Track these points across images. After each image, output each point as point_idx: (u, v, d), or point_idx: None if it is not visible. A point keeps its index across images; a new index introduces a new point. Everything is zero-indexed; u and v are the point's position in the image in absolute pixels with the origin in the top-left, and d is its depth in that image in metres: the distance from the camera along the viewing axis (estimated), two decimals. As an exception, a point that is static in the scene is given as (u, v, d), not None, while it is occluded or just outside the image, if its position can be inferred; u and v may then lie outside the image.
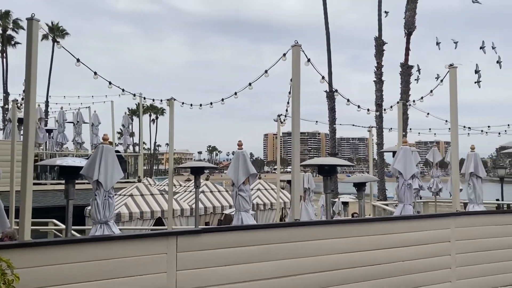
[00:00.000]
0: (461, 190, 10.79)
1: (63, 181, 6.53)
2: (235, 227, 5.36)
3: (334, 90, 24.84)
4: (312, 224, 5.73)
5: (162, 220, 13.98)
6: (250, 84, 6.80)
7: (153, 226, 13.78)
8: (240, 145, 6.63)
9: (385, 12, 26.64)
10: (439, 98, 8.93)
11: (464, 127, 12.41)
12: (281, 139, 15.39)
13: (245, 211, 6.48)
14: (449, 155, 8.90)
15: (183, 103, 9.04)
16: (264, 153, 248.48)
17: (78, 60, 6.35)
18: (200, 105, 8.75)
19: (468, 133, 13.11)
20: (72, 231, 7.83)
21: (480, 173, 8.43)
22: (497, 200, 21.61)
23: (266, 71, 6.52)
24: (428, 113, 9.94)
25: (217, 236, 5.02)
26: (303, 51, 5.99)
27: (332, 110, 26.44)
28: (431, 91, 8.08)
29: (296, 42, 5.91)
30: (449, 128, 7.93)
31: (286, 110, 11.11)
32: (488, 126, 12.87)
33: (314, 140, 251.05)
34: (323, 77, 6.56)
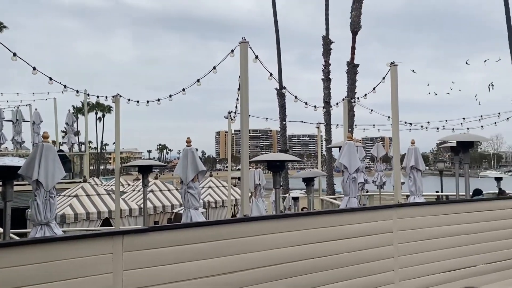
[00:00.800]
0: (403, 183, 11.34)
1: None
2: (183, 225, 5.32)
3: (283, 87, 25.24)
4: (261, 219, 5.79)
5: (110, 221, 13.59)
6: (198, 80, 6.75)
7: (100, 227, 13.37)
8: (188, 142, 6.57)
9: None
10: (384, 96, 9.32)
11: (406, 123, 13.01)
12: (233, 136, 15.41)
13: (194, 208, 6.43)
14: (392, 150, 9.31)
15: (129, 99, 8.82)
16: (216, 150, 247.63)
17: (14, 54, 6.02)
18: (147, 101, 8.58)
19: (410, 129, 13.75)
20: (11, 235, 7.43)
21: (420, 167, 8.87)
22: (437, 192, 22.86)
23: (214, 68, 6.50)
24: (371, 110, 10.33)
25: (165, 234, 4.95)
26: (250, 48, 6.03)
27: (282, 107, 26.82)
28: (374, 88, 8.40)
29: (243, 38, 5.94)
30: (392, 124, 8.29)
31: (236, 107, 11.13)
32: (428, 122, 13.57)
33: (265, 137, 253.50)
34: (271, 74, 6.63)
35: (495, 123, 12.16)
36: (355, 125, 21.97)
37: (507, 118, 11.77)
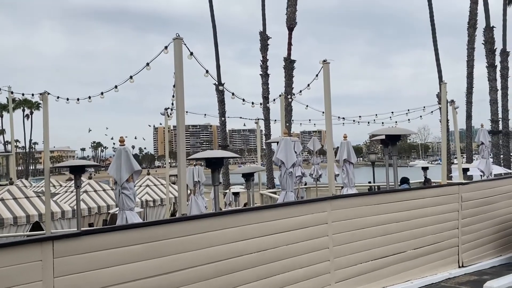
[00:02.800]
0: (337, 175, 11.78)
1: None
2: (117, 227, 5.16)
3: (220, 84, 25.15)
4: (198, 217, 5.76)
5: (40, 225, 12.88)
6: (131, 77, 6.56)
7: (29, 231, 12.62)
8: (121, 141, 6.36)
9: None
10: (319, 90, 9.61)
11: (339, 117, 13.51)
12: (171, 132, 15.16)
13: (129, 209, 6.26)
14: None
15: (58, 97, 8.37)
16: (154, 147, 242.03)
17: None
18: (78, 99, 8.20)
19: (343, 123, 14.31)
20: None
21: (352, 160, 9.27)
22: (369, 182, 24.00)
23: (147, 64, 6.35)
24: (307, 106, 10.61)
25: (98, 238, 4.79)
26: (185, 44, 5.95)
27: (221, 102, 26.76)
28: (308, 85, 8.63)
29: (177, 35, 5.85)
30: (325, 119, 8.58)
31: (172, 104, 10.96)
32: (359, 116, 14.19)
33: (206, 133, 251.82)
34: (207, 71, 6.60)
35: (421, 116, 13.02)
36: (292, 120, 22.45)
37: (432, 112, 12.63)
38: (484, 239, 9.78)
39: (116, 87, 6.89)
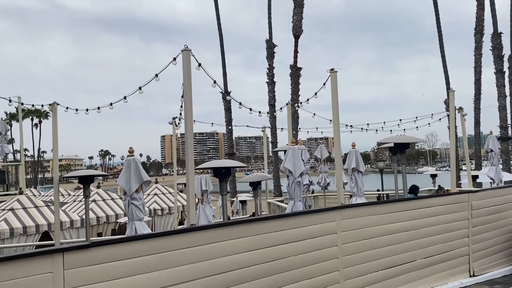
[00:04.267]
0: (346, 183, 11.73)
1: None
2: (127, 238, 5.18)
3: (226, 93, 25.22)
4: (207, 228, 5.75)
5: (50, 234, 12.93)
6: (140, 88, 6.61)
7: (39, 241, 12.68)
8: (131, 152, 6.39)
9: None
10: (327, 98, 9.61)
11: (346, 125, 13.48)
12: (179, 140, 15.20)
13: (138, 220, 6.27)
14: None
15: (67, 107, 8.45)
16: (162, 155, 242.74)
17: None
18: (87, 110, 8.27)
19: (351, 131, 14.26)
20: None
21: (360, 168, 9.23)
22: (378, 190, 23.84)
23: (156, 75, 6.39)
24: (314, 114, 10.61)
25: (108, 249, 4.80)
26: (193, 55, 5.99)
27: (228, 111, 26.81)
28: (316, 93, 8.63)
29: (186, 46, 5.89)
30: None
31: (180, 114, 11.01)
32: (368, 124, 14.15)
33: (212, 140, 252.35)
34: (214, 82, 6.63)
35: (429, 124, 12.94)
36: (299, 128, 22.43)
37: (440, 119, 12.57)
38: (495, 247, 9.67)
39: (125, 97, 6.95)
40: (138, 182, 6.23)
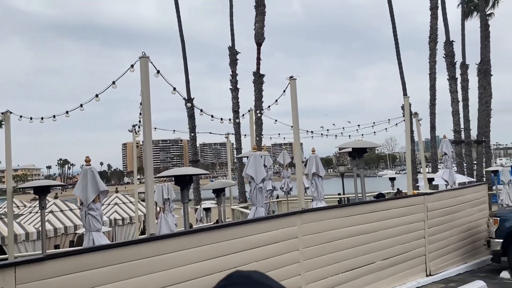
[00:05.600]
0: (308, 188, 11.88)
1: None
2: (83, 249, 5.04)
3: (188, 99, 25.06)
4: (167, 237, 5.70)
5: (3, 248, 12.36)
6: (97, 95, 6.47)
7: (-9, 255, 12.08)
8: (87, 161, 6.24)
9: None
10: (289, 105, 9.73)
11: (307, 131, 13.69)
12: (140, 148, 14.96)
13: (96, 230, 6.11)
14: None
15: (21, 116, 8.14)
16: (123, 163, 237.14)
17: None
18: (42, 118, 8.00)
19: (312, 136, 14.49)
20: None
21: (320, 173, 9.40)
22: (339, 194, 24.28)
23: (113, 82, 6.28)
24: (276, 120, 10.72)
25: (64, 262, 4.66)
26: (151, 62, 5.94)
27: (191, 117, 26.59)
28: (276, 100, 8.74)
29: (143, 53, 5.83)
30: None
31: (140, 121, 10.85)
32: (328, 130, 14.43)
33: (176, 147, 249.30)
34: (174, 89, 6.58)
35: (386, 129, 13.36)
36: (262, 135, 22.58)
37: (396, 124, 12.99)
38: (450, 247, 10.07)
39: (81, 105, 6.77)
40: (95, 192, 6.07)
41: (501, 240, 9.50)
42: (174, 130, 13.87)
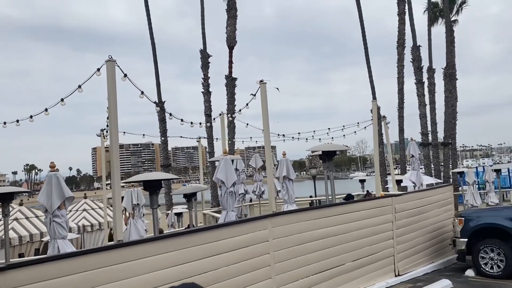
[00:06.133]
0: (279, 191, 11.93)
1: None
2: (47, 258, 4.89)
3: (159, 103, 24.77)
4: (135, 243, 5.59)
5: (-36, 258, 11.85)
6: (62, 99, 6.32)
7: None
8: (52, 167, 6.06)
9: None
10: (260, 108, 9.75)
11: (278, 135, 13.77)
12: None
13: (61, 238, 5.95)
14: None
15: (-18, 121, 7.86)
16: (93, 168, 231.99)
17: None
18: (4, 123, 7.75)
19: (284, 140, 14.58)
20: None
21: (291, 176, 9.47)
22: (311, 196, 24.50)
23: (79, 86, 6.15)
24: (247, 124, 10.73)
25: (27, 271, 4.52)
26: (118, 66, 5.84)
27: (162, 121, 26.29)
28: (247, 104, 8.76)
29: (110, 57, 5.73)
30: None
31: (107, 125, 10.65)
32: (299, 133, 14.55)
33: (148, 151, 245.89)
34: (142, 92, 6.50)
35: (355, 132, 13.61)
36: (234, 139, 22.56)
37: (365, 127, 13.24)
38: (417, 247, 10.32)
39: (46, 110, 6.60)
40: (60, 198, 5.91)
41: (466, 240, 9.81)
42: (143, 134, 13.70)
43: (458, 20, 32.38)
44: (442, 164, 28.84)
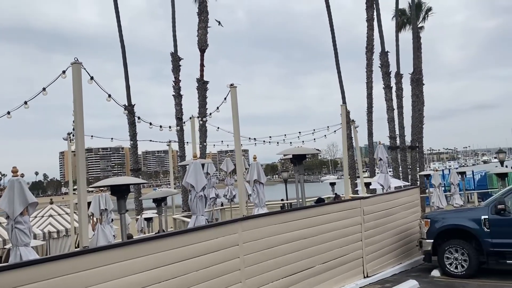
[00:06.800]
0: (250, 194, 11.94)
1: None
2: (8, 266, 4.71)
3: (129, 106, 24.45)
4: (101, 249, 5.47)
5: None
6: (26, 102, 6.13)
7: None
8: (14, 171, 5.85)
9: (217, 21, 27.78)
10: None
11: (249, 138, 13.80)
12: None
13: (24, 245, 5.75)
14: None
15: None
16: (61, 172, 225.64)
17: None
18: (-36, 126, 7.45)
19: (255, 143, 14.61)
20: None
21: (261, 180, 9.49)
22: (282, 199, 24.63)
23: (44, 89, 5.98)
24: (218, 128, 10.70)
25: (-15, 280, 4.34)
26: (84, 68, 5.72)
27: (132, 124, 25.87)
28: (217, 107, 8.74)
29: (76, 59, 5.61)
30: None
31: (73, 129, 10.40)
32: (270, 137, 14.61)
33: (118, 155, 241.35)
34: (109, 95, 6.39)
35: (325, 135, 13.76)
36: (205, 143, 22.46)
37: (335, 131, 13.44)
38: (385, 248, 10.52)
39: (8, 113, 6.37)
40: (23, 204, 5.70)
41: (432, 241, 10.08)
42: (112, 138, 13.40)
43: (425, 27, 33.41)
44: (410, 167, 29.55)
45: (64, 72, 5.73)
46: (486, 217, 9.40)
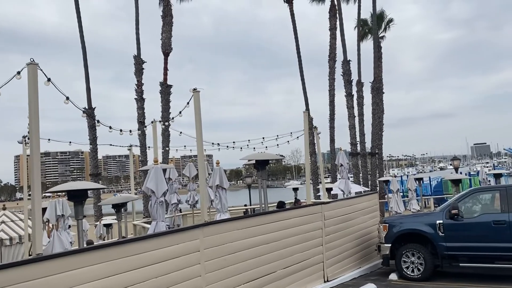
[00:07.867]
0: (213, 200, 11.86)
1: None
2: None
3: (84, 110, 23.75)
4: (55, 256, 5.27)
5: None
6: (-24, 103, 5.85)
7: None
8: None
9: None
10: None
11: (213, 143, 13.74)
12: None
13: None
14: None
15: None
16: (16, 177, 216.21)
17: None
18: None
19: (219, 149, 14.56)
20: None
21: (224, 185, 9.47)
22: (245, 205, 24.64)
23: (-3, 90, 5.73)
24: (181, 132, 10.59)
25: None
26: (41, 69, 5.53)
27: (92, 128, 25.20)
28: (180, 112, 8.66)
29: (32, 60, 5.41)
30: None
31: (28, 133, 10.02)
32: (233, 142, 14.61)
33: (77, 160, 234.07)
34: (67, 98, 6.20)
35: (288, 141, 13.92)
36: (168, 148, 22.17)
37: (297, 137, 13.60)
38: (345, 253, 10.72)
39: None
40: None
41: (390, 245, 10.35)
42: (70, 142, 12.96)
43: (386, 37, 34.47)
44: (370, 173, 30.31)
45: (19, 73, 5.51)
46: (441, 221, 9.75)
